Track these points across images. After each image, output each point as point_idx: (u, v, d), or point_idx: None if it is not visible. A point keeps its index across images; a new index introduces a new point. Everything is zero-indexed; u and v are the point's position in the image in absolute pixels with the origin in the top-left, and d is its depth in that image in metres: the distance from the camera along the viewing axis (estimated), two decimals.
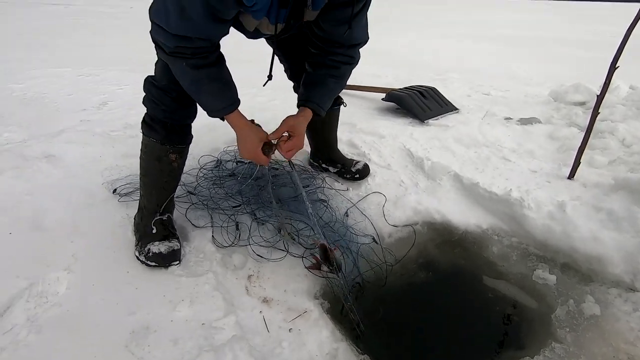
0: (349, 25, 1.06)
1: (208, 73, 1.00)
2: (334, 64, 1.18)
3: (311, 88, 1.21)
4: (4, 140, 1.90)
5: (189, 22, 0.88)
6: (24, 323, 0.94)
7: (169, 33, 0.90)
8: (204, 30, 0.92)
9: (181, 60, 0.96)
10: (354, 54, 1.19)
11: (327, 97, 1.23)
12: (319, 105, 1.19)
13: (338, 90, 1.27)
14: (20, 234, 1.23)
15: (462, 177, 1.67)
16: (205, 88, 1.02)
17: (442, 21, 9.59)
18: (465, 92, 3.00)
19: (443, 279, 1.43)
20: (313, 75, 1.21)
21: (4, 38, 5.36)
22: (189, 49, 0.94)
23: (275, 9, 0.95)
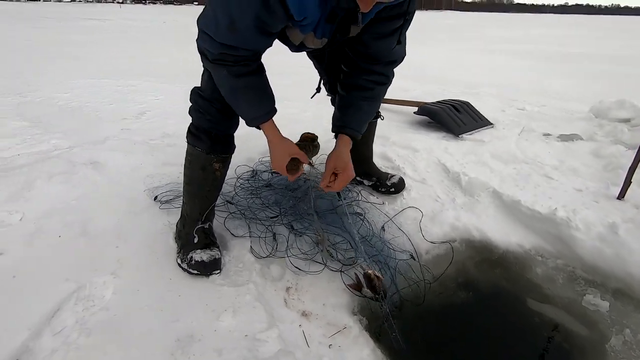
0: (398, 40, 1.07)
1: (247, 81, 1.02)
2: (367, 85, 1.17)
3: (346, 112, 1.20)
4: (52, 146, 2.00)
5: (237, 34, 0.90)
6: (73, 325, 0.96)
7: (216, 41, 0.93)
8: (250, 43, 0.94)
9: (223, 68, 0.98)
10: (389, 72, 1.18)
11: (364, 121, 1.22)
12: (355, 130, 1.19)
13: (373, 112, 1.26)
14: (69, 238, 1.27)
15: (501, 194, 1.62)
16: (244, 96, 1.04)
17: (471, 36, 9.52)
18: (499, 106, 2.94)
19: (484, 299, 1.37)
20: (347, 98, 1.20)
21: (49, 50, 5.71)
22: (233, 56, 0.96)
23: (322, 23, 0.97)
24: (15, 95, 3.07)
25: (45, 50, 5.72)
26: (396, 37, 1.07)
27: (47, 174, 1.62)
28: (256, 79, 1.04)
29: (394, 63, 1.17)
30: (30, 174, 1.63)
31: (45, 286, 1.07)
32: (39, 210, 1.39)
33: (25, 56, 5.16)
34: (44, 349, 0.90)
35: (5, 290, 1.06)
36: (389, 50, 1.10)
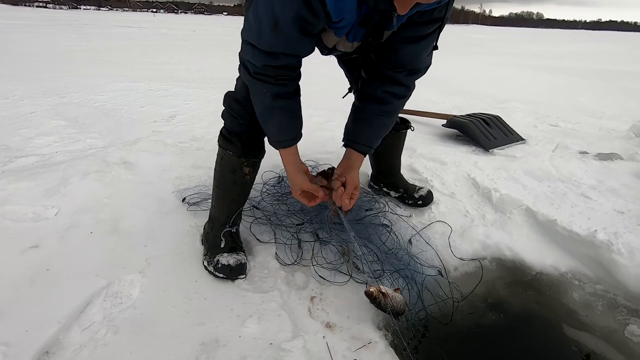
0: (431, 46, 1.03)
1: (283, 104, 1.03)
2: (385, 98, 1.12)
3: (359, 126, 1.16)
4: (87, 145, 2.08)
5: (280, 36, 0.90)
6: (101, 321, 0.98)
7: (259, 49, 0.93)
8: (293, 45, 0.93)
9: (263, 85, 0.99)
10: (410, 82, 1.12)
11: (377, 137, 1.17)
12: (367, 146, 1.16)
13: (388, 127, 1.19)
14: (100, 235, 1.30)
15: (536, 213, 1.55)
16: (275, 119, 1.05)
17: (500, 50, 9.36)
18: (530, 122, 2.85)
19: (515, 322, 1.30)
20: (362, 111, 1.15)
21: (87, 56, 6.00)
22: (274, 69, 0.96)
23: (355, 26, 0.96)
24: (55, 96, 3.23)
25: (85, 55, 6.03)
26: (426, 43, 1.02)
27: (82, 172, 1.68)
28: (292, 102, 1.06)
29: (417, 73, 1.12)
30: (66, 171, 1.69)
31: (77, 281, 1.09)
32: (74, 206, 1.43)
33: (67, 60, 5.44)
34: (73, 343, 0.92)
35: (39, 282, 1.08)
36: (417, 56, 1.06)
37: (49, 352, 0.89)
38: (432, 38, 1.03)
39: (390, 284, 1.22)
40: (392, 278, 1.24)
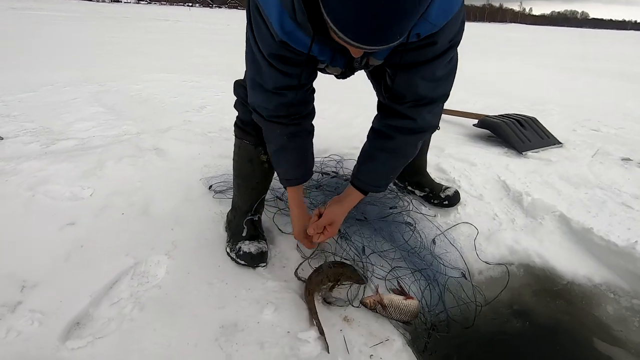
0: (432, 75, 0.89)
1: (297, 143, 1.04)
2: (387, 132, 1.01)
3: (361, 162, 1.08)
4: (122, 131, 2.17)
5: (279, 72, 0.88)
6: (128, 298, 1.02)
7: (266, 90, 0.93)
8: (294, 77, 0.91)
9: (278, 127, 1.00)
10: (417, 115, 0.96)
11: (380, 174, 1.06)
12: (368, 184, 1.06)
13: (396, 165, 1.07)
14: (131, 216, 1.36)
15: (570, 220, 1.47)
16: (289, 157, 1.06)
17: (539, 51, 8.94)
18: (569, 125, 2.70)
19: (541, 332, 1.25)
20: (367, 146, 1.08)
21: (126, 47, 6.25)
22: (286, 108, 0.95)
23: (335, 54, 0.90)
24: (95, 85, 3.39)
25: (124, 47, 6.28)
26: (423, 71, 0.88)
27: (117, 156, 1.75)
28: (306, 141, 1.07)
29: (425, 106, 0.96)
30: (102, 155, 1.77)
31: (107, 258, 1.15)
32: (108, 188, 1.50)
33: (107, 51, 5.70)
34: (102, 316, 0.96)
35: (74, 257, 1.15)
36: (413, 85, 0.91)
37: (80, 324, 0.94)
38: (432, 67, 0.89)
39: (409, 284, 1.20)
40: (414, 278, 1.22)
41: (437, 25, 0.79)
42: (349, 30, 0.61)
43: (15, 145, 1.90)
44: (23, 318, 0.92)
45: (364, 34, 0.61)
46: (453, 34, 0.85)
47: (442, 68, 0.91)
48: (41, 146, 1.91)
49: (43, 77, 3.54)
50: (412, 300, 1.09)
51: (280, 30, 0.79)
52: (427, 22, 0.77)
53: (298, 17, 0.73)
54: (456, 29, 0.85)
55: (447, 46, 0.86)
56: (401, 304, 1.06)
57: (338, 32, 0.62)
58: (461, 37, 0.89)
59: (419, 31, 0.78)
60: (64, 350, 0.86)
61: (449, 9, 0.77)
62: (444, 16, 0.77)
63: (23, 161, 1.69)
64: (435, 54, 0.86)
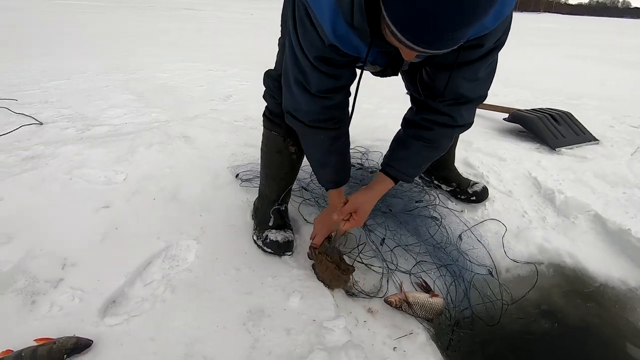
0: (449, 74, 0.87)
1: (339, 146, 1.04)
2: (424, 124, 1.01)
3: (395, 150, 1.07)
4: (152, 119, 2.23)
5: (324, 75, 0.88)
6: (160, 280, 1.06)
7: (312, 95, 0.91)
8: (339, 79, 0.91)
9: (320, 132, 0.99)
10: (455, 113, 0.97)
11: (413, 163, 1.06)
12: (400, 172, 1.05)
13: (430, 156, 1.07)
14: (162, 201, 1.40)
15: (605, 220, 1.41)
16: (333, 162, 1.06)
17: (575, 42, 8.50)
18: (607, 121, 2.57)
19: (570, 334, 1.22)
20: (402, 134, 1.08)
21: (153, 37, 6.38)
22: (328, 111, 0.95)
23: (376, 53, 0.89)
24: (126, 73, 3.49)
25: (151, 36, 6.41)
26: (466, 72, 0.88)
27: (147, 142, 1.81)
28: (346, 143, 1.07)
29: (463, 104, 0.96)
30: (134, 141, 1.83)
31: (141, 240, 1.19)
32: (140, 173, 1.55)
33: (134, 39, 5.83)
34: (136, 296, 1.01)
35: (110, 238, 1.20)
36: (455, 85, 0.91)
37: (116, 302, 0.99)
38: (475, 68, 0.88)
39: (434, 280, 1.19)
40: (439, 273, 1.21)
41: (487, 27, 0.78)
42: (410, 32, 0.60)
43: (54, 130, 1.99)
44: (65, 294, 0.98)
45: (425, 36, 0.60)
46: (499, 37, 0.84)
47: (484, 69, 0.91)
48: (77, 131, 1.99)
49: (76, 65, 3.67)
50: (437, 298, 1.08)
51: (332, 34, 0.78)
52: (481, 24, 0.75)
53: (355, 20, 0.73)
54: (503, 30, 0.84)
55: (492, 47, 0.86)
56: (426, 302, 1.05)
57: (398, 33, 0.61)
58: (507, 38, 0.88)
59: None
60: (102, 326, 0.91)
61: (502, 11, 0.75)
62: (495, 19, 0.76)
63: (61, 145, 1.77)
64: (480, 55, 0.86)
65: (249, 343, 0.88)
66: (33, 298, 0.96)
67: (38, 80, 3.01)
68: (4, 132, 1.89)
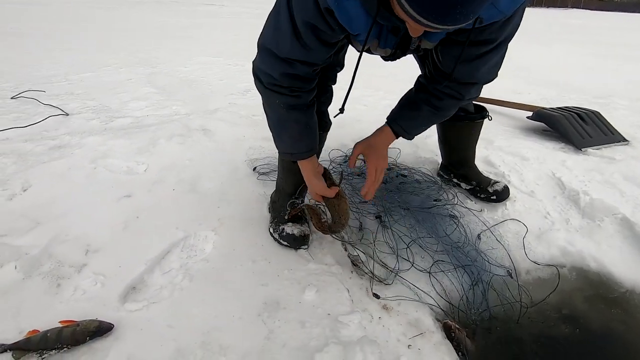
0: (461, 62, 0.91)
1: (297, 116, 1.00)
2: (436, 93, 1.06)
3: (403, 108, 1.11)
4: (173, 112, 2.27)
5: (299, 43, 0.86)
6: (178, 269, 1.08)
7: (276, 57, 0.90)
8: (310, 53, 0.89)
9: (276, 97, 0.97)
10: (464, 92, 1.05)
11: (417, 123, 1.11)
12: (403, 129, 1.10)
13: (434, 120, 1.14)
14: (181, 192, 1.43)
15: (634, 224, 1.36)
16: (289, 131, 1.03)
17: (604, 40, 8.16)
18: (637, 122, 2.46)
19: (593, 340, 1.17)
20: (412, 95, 1.11)
21: (175, 32, 6.48)
22: (290, 79, 0.93)
23: (385, 33, 0.89)
24: (148, 67, 3.56)
25: (173, 31, 6.51)
26: (479, 63, 0.93)
27: (168, 134, 1.84)
28: (306, 115, 1.03)
29: (473, 85, 1.04)
30: (155, 133, 1.87)
31: (160, 230, 1.22)
32: (160, 164, 1.59)
33: (157, 34, 5.94)
34: (155, 284, 1.03)
35: (131, 227, 1.23)
36: (469, 74, 0.98)
37: (136, 288, 1.01)
38: (487, 59, 0.94)
39: (451, 279, 1.17)
40: (457, 273, 1.18)
41: (503, 12, 0.76)
42: (420, 4, 0.58)
43: (79, 121, 2.05)
44: (88, 279, 1.01)
45: (434, 10, 0.58)
46: (515, 25, 0.86)
47: (497, 57, 0.95)
48: (101, 123, 2.04)
49: (100, 59, 3.76)
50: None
51: None
52: (495, 8, 0.74)
53: None
54: (519, 20, 0.85)
55: (505, 36, 0.87)
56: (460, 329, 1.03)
57: (406, 5, 0.59)
58: (516, 31, 0.90)
59: (483, 16, 0.75)
60: (122, 311, 0.94)
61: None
62: (513, 4, 0.74)
63: (86, 136, 1.82)
64: (495, 45, 0.88)
65: (264, 334, 0.89)
66: (58, 282, 1.00)
67: (65, 73, 3.11)
68: (33, 122, 1.96)
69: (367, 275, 1.10)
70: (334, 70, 1.18)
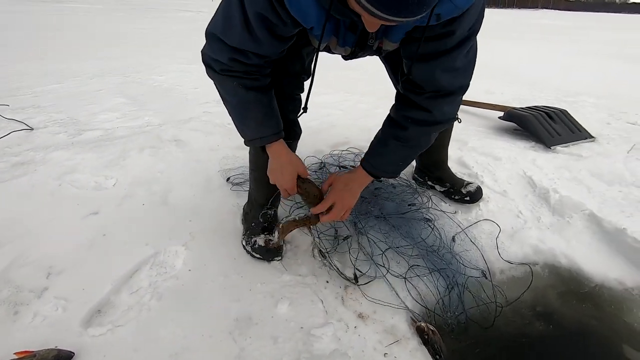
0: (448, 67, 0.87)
1: (256, 97, 0.95)
2: (401, 122, 0.99)
3: (373, 146, 1.07)
4: (145, 122, 2.21)
5: (250, 35, 0.83)
6: (147, 287, 1.04)
7: (226, 45, 0.86)
8: (261, 46, 0.86)
9: (232, 80, 0.92)
10: (434, 107, 0.95)
11: (388, 160, 1.05)
12: (374, 167, 1.05)
13: (409, 154, 1.08)
14: (152, 206, 1.38)
15: (601, 219, 1.39)
16: (252, 113, 0.97)
17: (572, 38, 8.48)
18: (603, 118, 2.55)
19: (566, 336, 1.19)
20: (381, 132, 1.07)
21: (151, 38, 6.36)
22: (243, 64, 0.89)
23: (344, 31, 0.87)
24: (120, 76, 3.47)
25: (149, 38, 6.39)
26: (439, 63, 0.87)
27: (139, 147, 1.79)
28: (267, 97, 0.98)
29: (444, 97, 0.94)
30: (126, 145, 1.81)
31: (128, 247, 1.18)
32: (130, 178, 1.54)
33: (132, 42, 5.81)
34: (122, 304, 0.99)
35: (97, 245, 1.18)
36: (431, 76, 0.90)
37: (101, 311, 0.97)
38: (452, 57, 0.87)
39: (426, 284, 1.17)
40: (433, 277, 1.19)
41: (459, 7, 0.75)
42: None
43: (45, 135, 1.97)
44: (49, 304, 0.96)
45: (389, 1, 0.57)
46: (473, 21, 0.82)
47: (462, 58, 0.89)
48: (68, 136, 1.97)
49: (70, 69, 3.65)
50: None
51: None
52: (450, 2, 0.74)
53: None
54: (476, 16, 0.82)
55: (466, 34, 0.83)
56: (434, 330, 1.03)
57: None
58: (480, 25, 0.86)
59: (440, 12, 0.75)
60: (85, 336, 0.89)
61: None
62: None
63: (51, 151, 1.75)
64: (455, 43, 0.84)
65: (235, 353, 0.87)
66: (16, 308, 0.95)
67: (31, 85, 3.00)
68: None
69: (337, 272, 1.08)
70: (300, 79, 1.17)
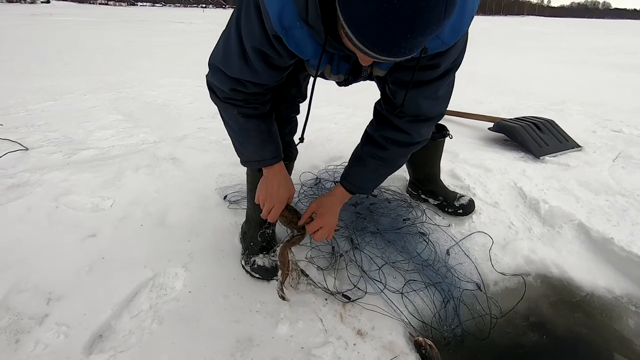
0: (432, 95, 0.93)
1: (256, 125, 1.00)
2: (381, 142, 1.03)
3: (352, 164, 1.11)
4: (140, 140, 2.22)
5: (247, 66, 0.87)
6: (147, 311, 1.05)
7: (227, 76, 0.91)
8: (259, 76, 0.90)
9: (233, 108, 0.97)
10: (413, 131, 1.00)
11: (367, 178, 1.10)
12: (354, 185, 1.09)
13: (387, 171, 1.12)
14: (149, 227, 1.40)
15: (589, 229, 1.44)
16: (251, 139, 1.02)
17: (557, 45, 8.68)
18: (589, 127, 2.63)
19: (559, 345, 1.22)
20: (359, 150, 1.10)
21: (143, 52, 6.38)
22: (242, 94, 0.94)
23: (337, 60, 0.92)
24: (114, 91, 3.48)
25: (141, 51, 6.41)
26: (425, 91, 0.92)
27: (135, 166, 1.80)
28: (266, 123, 1.02)
29: (423, 122, 0.99)
30: (121, 164, 1.82)
31: (128, 270, 1.19)
32: (127, 199, 1.55)
33: (124, 56, 5.83)
34: (123, 329, 1.00)
35: (96, 269, 1.19)
36: (415, 103, 0.95)
37: (102, 336, 0.98)
38: (435, 87, 0.92)
39: (423, 298, 1.19)
40: (429, 292, 1.21)
41: (446, 43, 0.80)
42: (366, 37, 0.59)
43: (40, 155, 1.97)
44: (50, 331, 0.97)
45: (382, 43, 0.59)
46: (456, 56, 0.88)
47: (444, 88, 0.95)
48: (64, 156, 1.97)
49: (64, 85, 3.65)
50: None
51: (278, 24, 0.74)
52: (438, 39, 0.78)
53: (310, 17, 0.70)
54: (459, 51, 0.88)
55: (449, 67, 0.89)
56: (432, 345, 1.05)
57: (353, 37, 0.60)
58: (462, 59, 0.92)
59: (429, 46, 0.79)
60: None
61: (459, 28, 0.77)
62: (454, 35, 0.78)
63: (47, 172, 1.76)
64: (438, 74, 0.89)
65: None
66: (17, 337, 0.95)
67: (24, 103, 2.99)
68: None
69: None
70: (296, 102, 1.20)
